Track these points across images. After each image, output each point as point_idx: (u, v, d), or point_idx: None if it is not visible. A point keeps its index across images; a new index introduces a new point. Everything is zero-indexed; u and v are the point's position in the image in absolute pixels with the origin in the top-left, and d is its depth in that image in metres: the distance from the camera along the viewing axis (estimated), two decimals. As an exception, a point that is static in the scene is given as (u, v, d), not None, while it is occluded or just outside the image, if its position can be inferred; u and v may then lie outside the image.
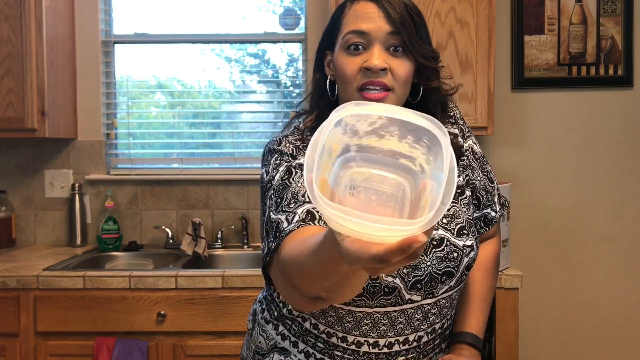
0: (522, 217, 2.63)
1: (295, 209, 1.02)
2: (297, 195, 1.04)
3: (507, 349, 2.09)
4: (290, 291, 0.93)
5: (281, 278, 0.97)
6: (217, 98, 2.90)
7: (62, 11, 2.60)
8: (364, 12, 1.09)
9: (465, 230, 1.15)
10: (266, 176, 1.12)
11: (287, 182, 1.07)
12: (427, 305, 1.12)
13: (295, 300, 0.94)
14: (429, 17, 2.27)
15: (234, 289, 2.11)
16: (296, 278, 0.88)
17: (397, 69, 1.08)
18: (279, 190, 1.07)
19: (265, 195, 1.11)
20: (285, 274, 0.92)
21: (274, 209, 1.05)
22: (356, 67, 1.08)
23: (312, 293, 0.88)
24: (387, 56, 1.08)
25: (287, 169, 1.09)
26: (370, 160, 0.66)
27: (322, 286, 0.82)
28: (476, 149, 1.26)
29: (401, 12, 1.08)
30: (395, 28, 1.07)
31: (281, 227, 1.01)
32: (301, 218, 1.00)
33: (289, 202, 1.03)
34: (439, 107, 1.17)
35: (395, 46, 1.08)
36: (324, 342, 1.14)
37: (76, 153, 2.74)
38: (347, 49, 1.10)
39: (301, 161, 1.08)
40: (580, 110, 2.64)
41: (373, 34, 1.08)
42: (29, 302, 2.12)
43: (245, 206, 2.73)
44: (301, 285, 0.88)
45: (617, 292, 2.66)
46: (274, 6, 2.84)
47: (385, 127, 0.66)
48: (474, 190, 1.23)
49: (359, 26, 1.08)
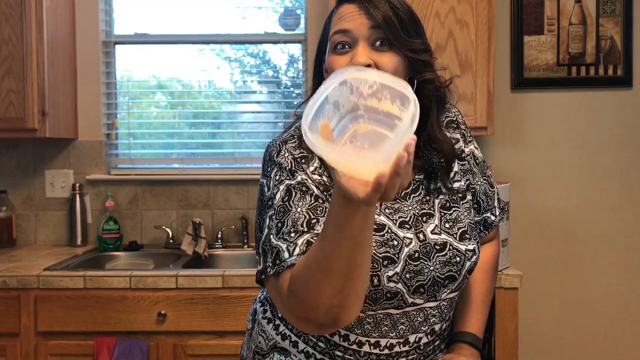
0: (522, 217, 2.63)
1: (296, 240, 1.04)
2: (296, 223, 1.06)
3: (507, 348, 2.10)
4: (296, 320, 1.01)
5: (284, 305, 1.02)
6: (217, 98, 2.90)
7: (62, 11, 2.60)
8: (347, 12, 1.12)
9: (467, 234, 1.16)
10: (267, 191, 1.13)
11: (288, 205, 1.09)
12: (429, 308, 1.13)
13: (302, 326, 1.01)
14: (429, 17, 2.27)
15: (234, 288, 2.12)
16: (309, 284, 0.93)
17: (383, 64, 1.09)
18: (279, 213, 1.08)
19: (265, 211, 1.12)
20: (295, 294, 0.97)
21: (274, 233, 1.07)
22: (343, 65, 1.10)
23: (324, 307, 0.93)
24: (371, 52, 1.09)
25: (287, 190, 1.10)
26: (375, 120, 0.82)
27: (335, 280, 0.91)
28: (477, 154, 1.27)
29: (383, 9, 1.10)
30: (376, 22, 1.09)
31: (282, 256, 1.04)
32: (302, 251, 1.03)
33: (290, 230, 1.06)
34: (434, 101, 1.17)
35: (381, 40, 1.10)
36: (325, 341, 1.14)
37: (77, 153, 2.75)
38: (335, 50, 1.12)
39: (299, 179, 1.11)
40: (579, 111, 2.65)
41: (355, 31, 1.10)
42: (30, 301, 2.12)
43: (246, 206, 2.73)
44: (313, 294, 0.93)
45: (617, 292, 2.66)
46: (274, 6, 2.85)
47: (380, 91, 0.82)
48: (474, 195, 1.24)
49: (342, 25, 1.11)
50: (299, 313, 0.99)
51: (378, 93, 0.82)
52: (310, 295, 0.93)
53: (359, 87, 0.82)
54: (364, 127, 0.82)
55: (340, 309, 0.93)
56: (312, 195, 1.09)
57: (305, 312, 0.96)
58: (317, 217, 1.06)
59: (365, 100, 0.82)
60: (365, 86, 0.82)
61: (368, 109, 0.82)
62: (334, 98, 0.82)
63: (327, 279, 0.91)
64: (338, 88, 0.82)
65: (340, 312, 0.94)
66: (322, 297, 0.92)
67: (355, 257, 0.89)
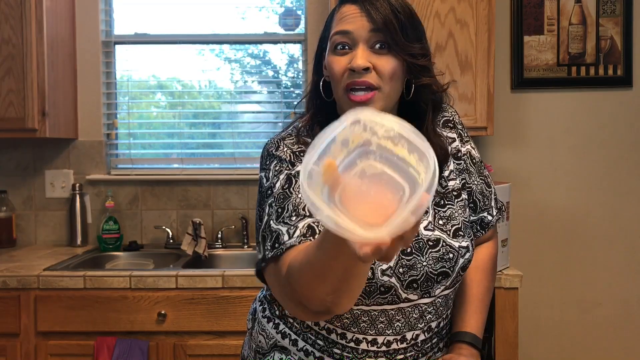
0: (522, 217, 2.63)
1: (297, 223, 1.04)
2: (297, 207, 1.06)
3: (507, 348, 2.10)
4: (291, 305, 0.99)
5: (281, 290, 1.01)
6: (217, 98, 2.90)
7: (62, 11, 2.60)
8: (348, 13, 1.12)
9: (461, 231, 1.17)
10: (266, 182, 1.14)
11: (288, 191, 1.09)
12: (423, 304, 1.14)
13: (298, 313, 1.00)
14: (429, 17, 2.27)
15: (234, 288, 2.12)
16: (303, 282, 0.91)
17: (382, 67, 1.09)
18: (279, 199, 1.08)
19: (264, 201, 1.12)
20: (290, 283, 0.95)
21: (274, 218, 1.07)
22: (342, 67, 1.11)
23: (318, 301, 0.92)
24: (370, 55, 1.10)
25: (288, 178, 1.11)
26: (387, 159, 0.71)
27: (329, 284, 0.87)
28: (474, 154, 1.28)
29: (384, 11, 1.10)
30: (376, 26, 1.09)
31: (282, 238, 1.03)
32: (302, 233, 1.02)
33: (290, 214, 1.05)
34: (430, 105, 1.18)
35: (381, 43, 1.10)
36: (323, 339, 1.15)
37: (77, 153, 2.75)
38: (335, 50, 1.13)
39: (300, 168, 1.09)
40: (579, 111, 2.65)
41: (356, 32, 1.10)
42: (30, 302, 2.12)
43: (246, 206, 2.74)
44: (307, 291, 0.92)
45: (617, 292, 2.66)
46: (274, 6, 2.85)
47: (397, 138, 0.70)
48: (470, 194, 1.25)
49: (343, 26, 1.11)
50: (293, 299, 0.99)
51: (395, 139, 0.70)
52: (304, 291, 0.93)
53: (373, 127, 0.71)
54: (374, 166, 0.71)
55: (333, 304, 0.93)
56: None
57: (300, 299, 0.96)
58: None
59: (379, 139, 0.71)
60: (382, 129, 0.71)
61: (381, 147, 0.71)
62: (343, 137, 0.71)
63: (322, 284, 0.89)
64: (349, 127, 0.71)
65: (333, 306, 0.94)
66: (316, 294, 0.92)
67: (351, 269, 0.85)
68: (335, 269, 0.85)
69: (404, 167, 0.69)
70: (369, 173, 0.70)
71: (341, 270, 0.85)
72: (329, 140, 0.70)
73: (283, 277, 1.00)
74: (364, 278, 0.94)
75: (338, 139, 0.70)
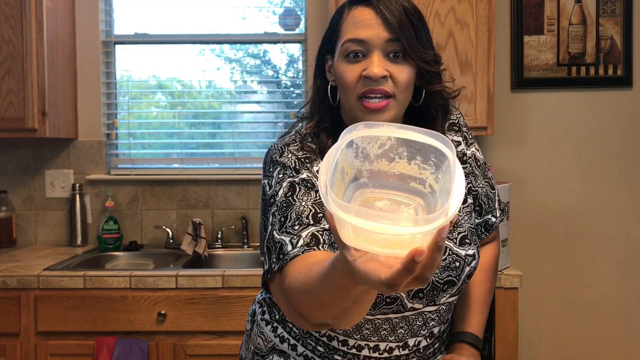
0: (522, 217, 2.63)
1: (300, 232, 1.00)
2: (301, 216, 1.02)
3: (507, 348, 2.10)
4: (294, 316, 0.95)
5: (285, 301, 0.97)
6: (217, 98, 2.90)
7: (62, 11, 2.60)
8: (362, 18, 1.07)
9: (467, 239, 1.14)
10: (269, 190, 1.10)
11: (291, 199, 1.05)
12: (428, 312, 1.13)
13: (300, 323, 0.96)
14: (429, 17, 2.27)
15: (234, 288, 2.12)
16: (303, 306, 0.88)
17: (398, 75, 1.06)
18: (282, 208, 1.05)
19: (267, 210, 1.09)
20: (290, 301, 0.92)
21: (277, 228, 1.03)
22: (356, 75, 1.07)
23: (319, 320, 0.88)
24: (386, 63, 1.06)
25: (291, 185, 1.07)
26: (382, 186, 0.69)
27: (330, 313, 0.83)
28: (478, 156, 1.26)
29: (399, 16, 1.05)
30: (395, 35, 1.05)
31: (285, 249, 1.00)
32: (306, 242, 0.99)
33: (293, 223, 1.02)
34: (440, 110, 1.16)
35: (395, 52, 1.07)
36: (324, 346, 1.13)
37: (76, 153, 2.75)
38: (347, 57, 1.08)
39: (304, 176, 1.07)
40: (579, 111, 2.65)
41: (372, 41, 1.06)
42: (30, 301, 2.12)
43: (246, 206, 2.73)
44: (308, 312, 0.88)
45: (617, 292, 2.66)
46: (274, 6, 2.85)
47: (394, 149, 0.68)
48: (476, 198, 1.24)
49: (357, 34, 1.06)
50: (295, 311, 0.95)
51: (391, 151, 0.68)
52: (304, 313, 0.90)
53: (365, 148, 0.69)
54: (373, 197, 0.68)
55: (336, 324, 0.90)
56: (318, 192, 1.06)
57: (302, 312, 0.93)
58: (323, 212, 1.02)
59: (371, 164, 0.69)
60: (375, 145, 0.68)
61: (373, 175, 0.69)
62: (341, 164, 0.68)
63: (324, 311, 0.84)
64: (345, 151, 0.68)
65: (336, 325, 0.90)
66: (318, 316, 0.88)
67: (359, 299, 0.79)
68: (341, 298, 0.78)
69: (403, 185, 0.68)
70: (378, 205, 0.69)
71: (349, 299, 0.78)
72: (332, 167, 0.66)
73: (285, 288, 0.97)
74: (369, 304, 0.87)
75: (339, 164, 0.68)
